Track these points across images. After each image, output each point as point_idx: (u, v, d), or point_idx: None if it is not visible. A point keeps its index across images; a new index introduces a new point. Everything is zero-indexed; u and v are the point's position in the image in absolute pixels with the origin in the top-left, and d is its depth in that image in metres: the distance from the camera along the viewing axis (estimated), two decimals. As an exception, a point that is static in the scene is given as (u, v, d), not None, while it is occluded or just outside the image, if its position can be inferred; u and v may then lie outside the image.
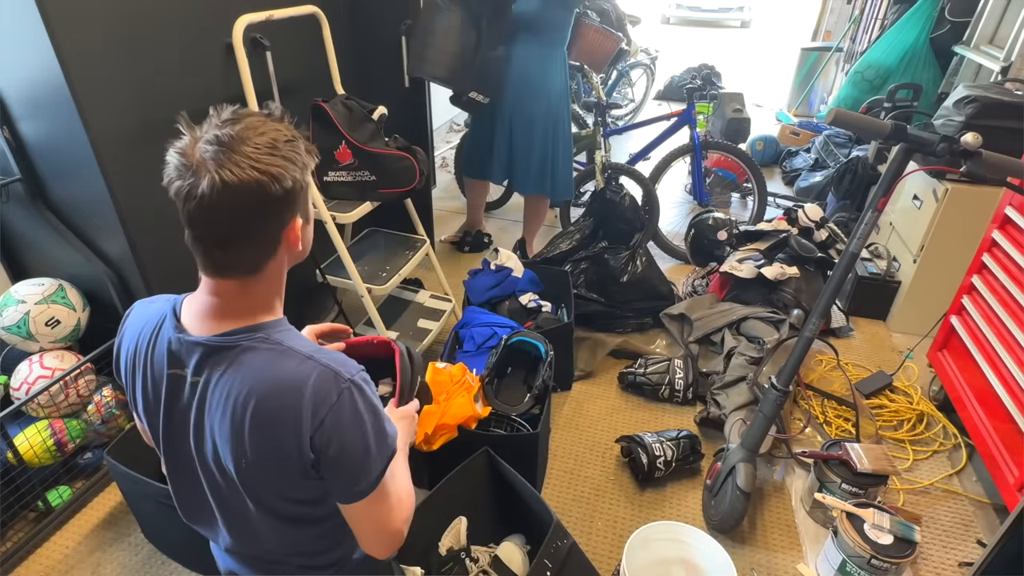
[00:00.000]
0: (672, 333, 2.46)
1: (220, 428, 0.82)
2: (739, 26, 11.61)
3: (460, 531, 1.44)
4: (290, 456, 0.81)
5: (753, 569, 1.66)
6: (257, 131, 0.77)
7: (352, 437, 0.82)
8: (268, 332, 0.84)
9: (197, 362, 0.83)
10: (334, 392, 0.80)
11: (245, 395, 0.80)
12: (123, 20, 1.61)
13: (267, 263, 0.83)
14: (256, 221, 0.78)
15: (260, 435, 0.80)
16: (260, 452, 0.82)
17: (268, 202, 0.77)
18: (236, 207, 0.76)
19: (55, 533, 1.74)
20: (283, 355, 0.82)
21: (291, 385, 0.79)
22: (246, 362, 0.81)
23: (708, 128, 4.29)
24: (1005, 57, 3.13)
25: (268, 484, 0.86)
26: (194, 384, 0.84)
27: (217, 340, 0.82)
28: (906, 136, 1.40)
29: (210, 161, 0.74)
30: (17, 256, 1.89)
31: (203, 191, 0.74)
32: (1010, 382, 1.71)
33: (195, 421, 0.86)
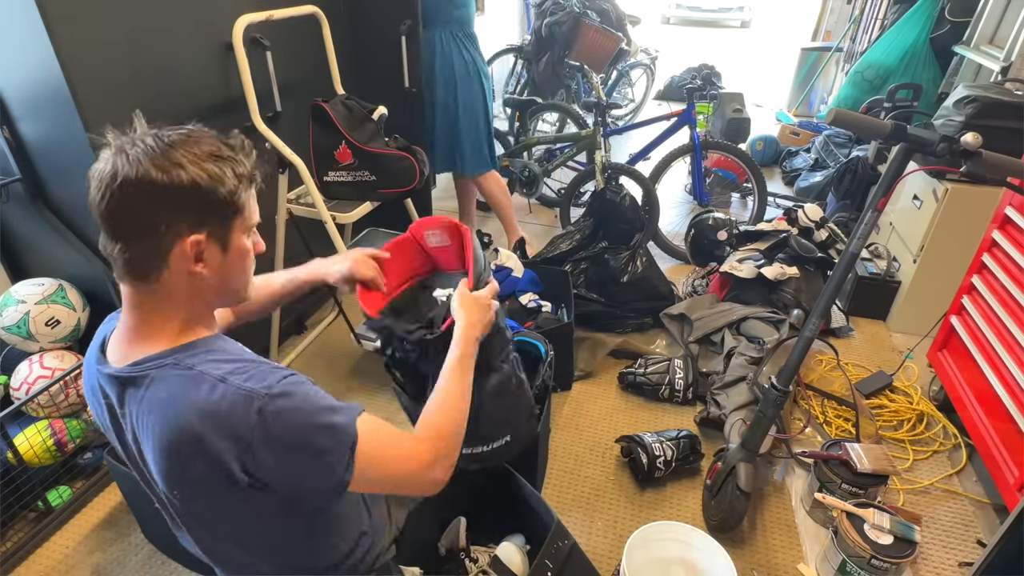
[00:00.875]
0: (672, 333, 2.46)
1: (152, 461, 0.79)
2: (739, 26, 11.60)
3: (459, 531, 1.44)
4: (220, 486, 0.77)
5: (753, 569, 1.66)
6: (196, 141, 0.78)
7: (291, 447, 0.77)
8: (179, 357, 0.79)
9: (117, 396, 0.81)
10: (252, 412, 0.74)
11: (160, 431, 0.76)
12: (123, 20, 1.62)
13: (157, 273, 0.78)
14: (143, 216, 0.75)
15: (183, 470, 0.77)
16: (189, 483, 0.78)
17: (154, 196, 0.74)
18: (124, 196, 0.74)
19: (55, 533, 1.74)
20: (193, 381, 0.76)
21: (204, 414, 0.74)
22: (156, 394, 0.77)
23: (708, 128, 4.29)
24: (1005, 57, 3.13)
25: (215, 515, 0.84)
26: (123, 415, 0.82)
27: (128, 371, 0.79)
28: (906, 136, 1.40)
29: (125, 150, 0.75)
30: (17, 256, 1.89)
31: (101, 171, 0.75)
32: (1010, 382, 1.71)
33: (136, 452, 0.84)
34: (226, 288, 0.86)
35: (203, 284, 0.81)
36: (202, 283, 0.81)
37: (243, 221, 0.83)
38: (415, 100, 2.65)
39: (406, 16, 2.51)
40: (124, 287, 0.80)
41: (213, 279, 0.82)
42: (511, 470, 1.49)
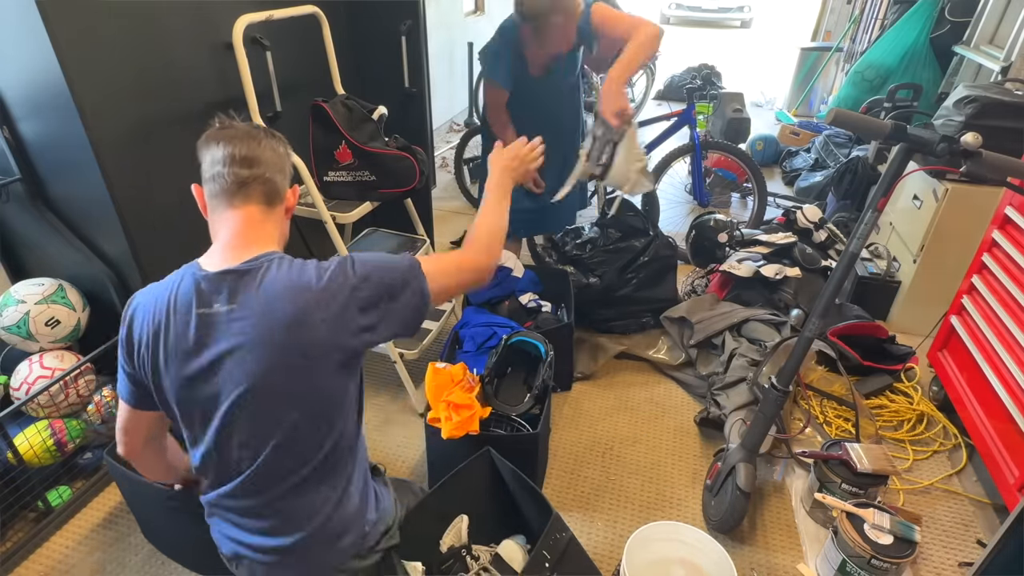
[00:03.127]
0: (672, 336, 2.46)
1: (271, 336, 0.95)
2: (739, 26, 11.61)
3: (461, 529, 1.44)
4: (337, 340, 0.98)
5: (753, 569, 1.66)
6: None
7: (380, 271, 1.03)
8: (282, 255, 1.03)
9: (229, 289, 0.97)
10: (348, 266, 1.01)
11: (286, 296, 0.96)
12: (123, 20, 1.61)
13: (277, 204, 1.07)
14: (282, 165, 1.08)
15: (310, 330, 0.96)
16: (310, 348, 0.96)
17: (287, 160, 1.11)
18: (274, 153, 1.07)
19: (55, 533, 1.74)
20: (303, 265, 1.01)
21: (321, 280, 0.98)
22: (280, 275, 0.98)
23: (708, 128, 4.30)
24: (1005, 57, 3.13)
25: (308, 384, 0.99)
26: (230, 311, 0.96)
27: (245, 265, 0.99)
28: (906, 136, 1.40)
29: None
30: (17, 256, 1.89)
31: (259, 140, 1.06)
32: (1010, 382, 1.71)
33: (238, 346, 0.96)
34: (284, 237, 1.13)
35: (284, 220, 1.12)
36: (284, 219, 1.12)
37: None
38: (415, 100, 2.65)
39: (406, 16, 2.51)
40: (249, 207, 1.04)
41: (288, 218, 1.14)
42: (512, 468, 1.49)
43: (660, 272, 2.54)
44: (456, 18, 5.46)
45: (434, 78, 3.16)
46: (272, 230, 1.07)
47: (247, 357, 0.96)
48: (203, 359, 0.97)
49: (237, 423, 1.00)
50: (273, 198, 1.06)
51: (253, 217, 1.04)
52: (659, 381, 2.38)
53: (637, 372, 2.42)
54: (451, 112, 5.57)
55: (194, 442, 1.06)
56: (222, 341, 0.96)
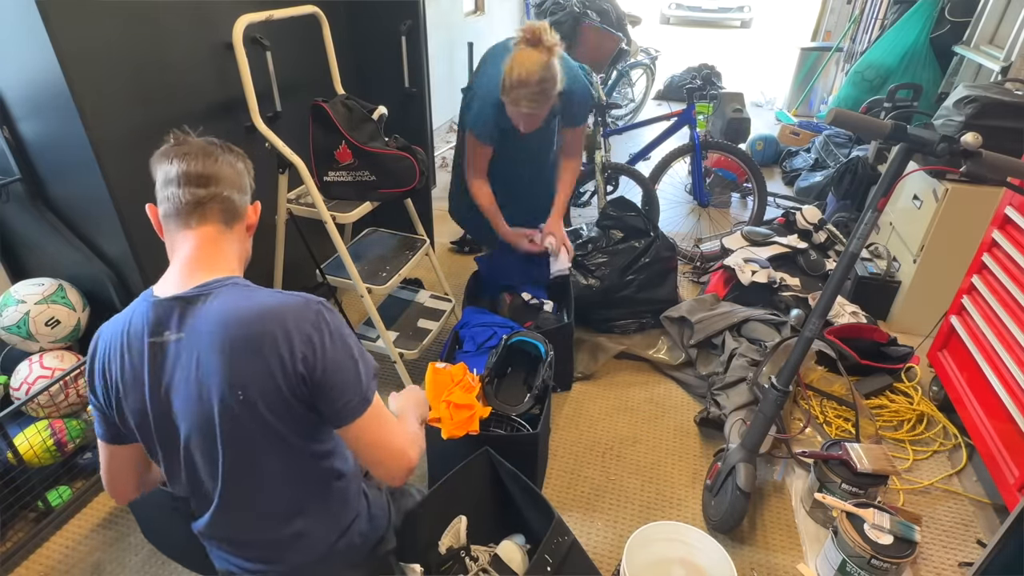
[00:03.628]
0: (672, 336, 2.46)
1: (212, 367, 0.90)
2: (739, 26, 11.60)
3: (460, 530, 1.44)
4: (283, 374, 0.90)
5: (753, 569, 1.66)
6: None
7: (335, 351, 0.94)
8: (229, 280, 0.96)
9: (179, 316, 0.93)
10: (311, 312, 0.93)
11: (231, 324, 0.90)
12: (123, 20, 1.62)
13: (238, 221, 1.03)
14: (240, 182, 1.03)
15: (251, 357, 0.89)
16: (253, 374, 0.90)
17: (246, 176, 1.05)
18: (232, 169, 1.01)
19: (55, 533, 1.74)
20: (255, 291, 0.96)
21: (271, 310, 0.92)
22: (224, 300, 0.92)
23: (708, 128, 4.30)
24: (1005, 57, 3.13)
25: (262, 423, 0.92)
26: (178, 340, 0.92)
27: (193, 291, 0.94)
28: (906, 136, 1.40)
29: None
30: (17, 256, 1.89)
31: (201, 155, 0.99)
32: (1010, 382, 1.71)
33: (185, 378, 0.92)
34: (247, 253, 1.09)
35: (246, 238, 1.08)
36: (246, 237, 1.07)
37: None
38: (415, 100, 2.65)
39: (406, 16, 2.51)
40: (205, 227, 0.99)
41: (249, 236, 1.09)
42: (512, 468, 1.49)
43: (661, 273, 2.54)
44: (456, 18, 5.45)
45: (434, 78, 3.16)
46: (230, 251, 1.01)
47: (194, 389, 0.91)
48: (159, 391, 0.94)
49: (198, 458, 0.97)
50: (231, 217, 1.01)
51: (209, 238, 0.98)
52: (659, 381, 2.38)
53: (637, 372, 2.42)
54: (451, 112, 5.57)
55: (170, 475, 1.03)
56: (175, 372, 0.92)
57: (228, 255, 1.00)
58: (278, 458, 0.97)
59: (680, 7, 11.29)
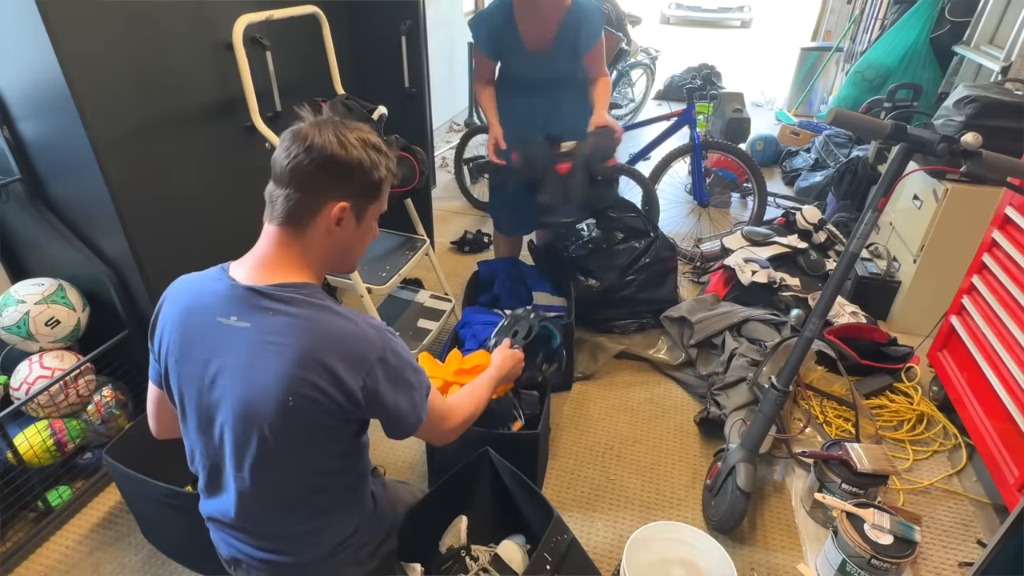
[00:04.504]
0: (672, 336, 2.46)
1: (270, 369, 0.91)
2: (739, 26, 11.61)
3: (460, 530, 1.44)
4: (341, 394, 0.92)
5: (753, 569, 1.66)
6: (368, 132, 0.98)
7: (396, 382, 0.97)
8: (311, 291, 0.96)
9: (247, 308, 0.94)
10: (378, 345, 0.95)
11: (301, 339, 0.91)
12: (123, 20, 1.61)
13: (307, 223, 0.96)
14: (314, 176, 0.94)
15: (312, 374, 0.90)
16: (310, 389, 0.91)
17: (326, 166, 0.93)
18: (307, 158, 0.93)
19: (55, 533, 1.74)
20: (331, 311, 0.95)
21: (344, 334, 0.93)
22: (298, 312, 0.93)
23: (708, 128, 4.30)
24: (1005, 57, 3.13)
25: (300, 430, 0.95)
26: (243, 330, 0.93)
27: (269, 288, 0.94)
28: (906, 136, 1.40)
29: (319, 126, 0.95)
30: (17, 256, 1.89)
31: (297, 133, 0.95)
32: (1010, 382, 1.70)
33: (238, 365, 0.94)
34: (344, 252, 1.03)
35: (332, 242, 0.99)
36: (331, 241, 0.99)
37: (378, 205, 1.03)
38: (415, 100, 2.65)
39: (406, 16, 2.51)
40: (274, 228, 0.97)
41: (339, 241, 1.00)
42: (511, 468, 1.49)
43: (661, 273, 2.54)
44: (456, 18, 5.46)
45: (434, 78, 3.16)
46: (301, 254, 0.98)
47: (245, 379, 0.93)
48: (211, 367, 0.96)
49: (228, 443, 0.98)
50: (297, 218, 0.96)
51: (278, 238, 0.97)
52: (659, 381, 2.38)
53: (637, 372, 2.42)
54: (451, 112, 5.57)
55: (190, 448, 1.06)
56: (229, 355, 0.94)
57: (302, 258, 0.98)
58: (308, 460, 1.00)
59: (680, 7, 11.30)
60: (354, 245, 1.04)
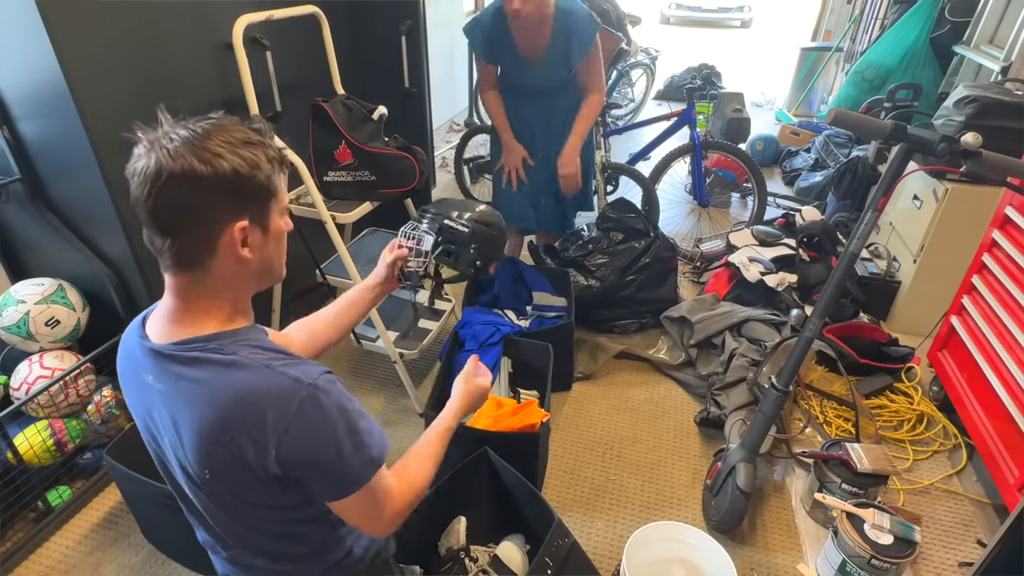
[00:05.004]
0: (672, 336, 2.46)
1: (185, 438, 0.81)
2: (739, 26, 11.61)
3: (459, 531, 1.44)
4: (254, 470, 0.80)
5: (753, 569, 1.66)
6: (227, 129, 0.81)
7: (322, 443, 0.81)
8: (222, 343, 0.82)
9: (156, 370, 0.83)
10: (295, 401, 0.78)
11: (203, 409, 0.79)
12: (123, 20, 1.62)
13: (207, 262, 0.80)
14: (192, 209, 0.77)
15: (220, 449, 0.79)
16: (222, 466, 0.80)
17: (200, 188, 0.75)
18: (171, 190, 0.76)
19: (55, 533, 1.74)
20: (238, 368, 0.80)
21: (248, 398, 0.78)
22: (202, 375, 0.80)
23: (708, 128, 4.30)
24: (1005, 57, 3.13)
25: (235, 496, 0.85)
26: (160, 391, 0.84)
27: (172, 348, 0.82)
28: (906, 136, 1.40)
29: (163, 145, 0.77)
30: (17, 256, 1.89)
31: (144, 169, 0.78)
32: (1010, 382, 1.70)
33: (168, 424, 0.84)
34: (267, 269, 0.88)
35: (247, 268, 0.84)
36: (247, 267, 0.84)
37: (278, 203, 0.85)
38: (415, 100, 2.65)
39: (406, 16, 2.51)
40: (171, 277, 0.82)
41: (256, 262, 0.85)
42: (511, 469, 1.49)
43: (661, 273, 2.54)
44: (456, 18, 5.45)
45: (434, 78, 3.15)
46: (208, 298, 0.84)
47: (173, 443, 0.85)
48: (150, 423, 0.89)
49: (189, 493, 0.92)
50: (193, 261, 0.80)
51: (177, 287, 0.83)
52: (659, 381, 2.38)
53: (637, 372, 2.42)
54: (451, 112, 5.57)
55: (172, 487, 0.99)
56: (156, 413, 0.86)
57: (210, 302, 0.84)
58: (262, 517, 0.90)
59: (680, 7, 11.29)
60: (273, 255, 0.87)
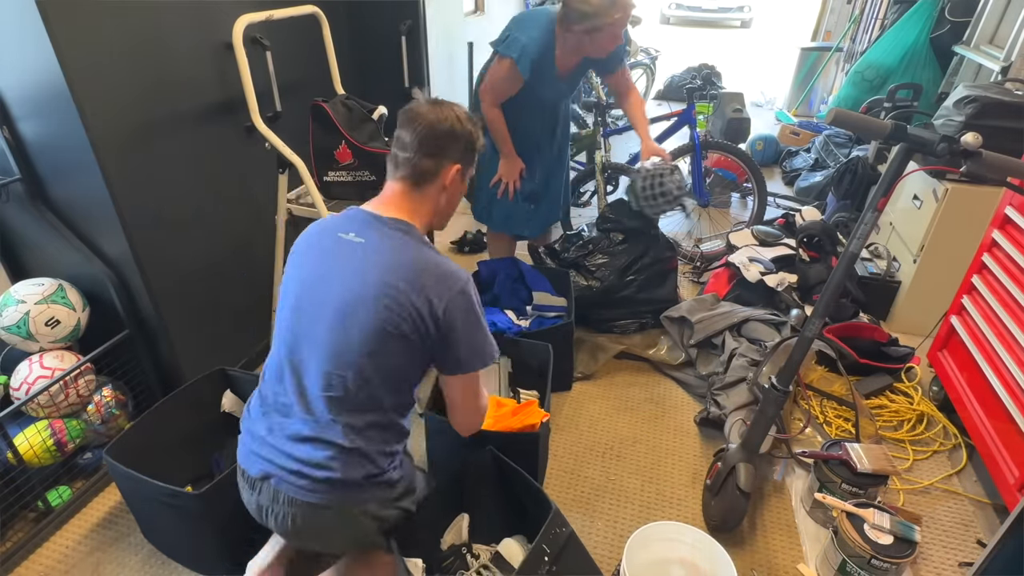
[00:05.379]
0: (672, 336, 2.46)
1: (371, 280, 1.12)
2: (739, 26, 11.61)
3: (462, 527, 1.45)
4: (425, 317, 1.12)
5: (753, 569, 1.66)
6: (458, 107, 1.25)
7: (469, 318, 1.17)
8: (414, 232, 1.20)
9: (366, 227, 1.19)
10: (460, 281, 1.16)
11: (401, 260, 1.14)
12: (123, 20, 1.62)
13: (429, 182, 1.22)
14: (443, 144, 1.20)
15: (408, 294, 1.11)
16: (402, 307, 1.11)
17: (453, 137, 1.21)
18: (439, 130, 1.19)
19: (55, 533, 1.74)
20: (426, 246, 1.19)
21: (435, 265, 1.15)
22: (403, 240, 1.17)
23: (708, 128, 4.30)
24: (1005, 57, 3.13)
25: (395, 334, 1.12)
26: (359, 243, 1.17)
27: (384, 217, 1.20)
28: (906, 136, 1.40)
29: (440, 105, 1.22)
30: (17, 256, 1.89)
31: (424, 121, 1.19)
32: (1010, 382, 1.71)
33: (345, 271, 1.15)
34: (450, 207, 1.30)
35: (444, 199, 1.26)
36: (444, 198, 1.26)
37: (471, 168, 1.30)
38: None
39: (406, 16, 2.51)
40: (397, 184, 1.23)
41: (450, 197, 1.28)
42: (513, 465, 1.49)
43: (661, 273, 2.54)
44: (456, 18, 5.45)
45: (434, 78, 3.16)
46: (416, 207, 1.23)
47: (353, 280, 1.14)
48: (321, 270, 1.18)
49: (321, 330, 1.15)
50: (423, 178, 1.21)
51: (398, 194, 1.23)
52: (659, 381, 2.38)
53: (637, 372, 2.42)
54: (451, 112, 5.56)
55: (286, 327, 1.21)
56: (339, 262, 1.16)
57: (416, 209, 1.23)
58: (376, 370, 1.14)
59: (680, 7, 11.29)
60: (456, 200, 1.30)
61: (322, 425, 1.15)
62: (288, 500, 1.15)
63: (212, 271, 2.07)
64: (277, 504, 1.16)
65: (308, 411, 1.16)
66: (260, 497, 1.19)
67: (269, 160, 1.98)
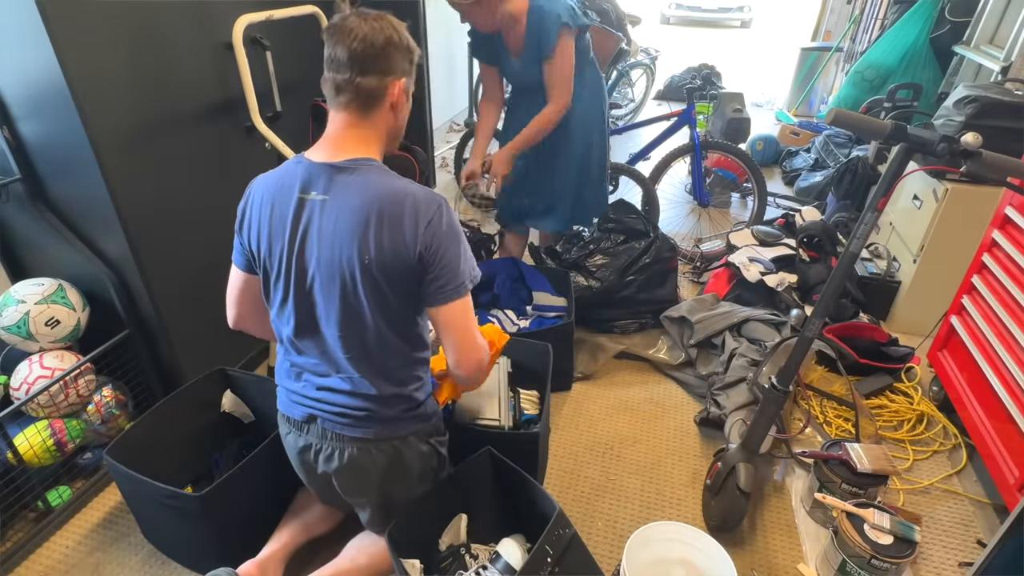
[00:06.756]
0: (672, 336, 2.46)
1: (346, 232, 1.10)
2: (739, 26, 11.61)
3: (460, 528, 1.45)
4: (407, 247, 1.10)
5: (753, 569, 1.66)
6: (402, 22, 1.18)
7: (449, 241, 1.13)
8: (373, 163, 1.15)
9: (325, 181, 1.13)
10: (435, 204, 1.12)
11: (370, 201, 1.10)
12: (123, 20, 1.62)
13: (376, 104, 1.15)
14: (386, 59, 1.13)
15: (385, 231, 1.09)
16: (383, 246, 1.09)
17: (393, 48, 1.13)
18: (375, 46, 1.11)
19: (55, 533, 1.74)
20: (391, 176, 1.15)
21: (405, 195, 1.11)
22: (366, 179, 1.12)
23: (708, 128, 4.30)
24: (1005, 57, 3.13)
25: (385, 276, 1.12)
26: (323, 201, 1.12)
27: (341, 163, 1.13)
28: (906, 136, 1.40)
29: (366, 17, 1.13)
30: (17, 256, 1.89)
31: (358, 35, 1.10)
32: (1010, 382, 1.71)
33: (320, 232, 1.12)
34: (400, 128, 1.25)
35: (394, 118, 1.20)
36: (394, 117, 1.20)
37: (413, 80, 1.23)
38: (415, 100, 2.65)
39: (406, 16, 2.50)
40: (344, 113, 1.15)
41: (400, 116, 1.22)
42: (512, 465, 1.49)
43: (661, 273, 2.54)
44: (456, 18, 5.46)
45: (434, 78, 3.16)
46: (367, 134, 1.17)
47: (328, 242, 1.12)
48: (296, 237, 1.14)
49: (319, 298, 1.17)
50: (369, 101, 1.14)
51: (347, 121, 1.16)
52: (659, 381, 2.38)
53: (637, 372, 2.42)
54: (451, 112, 5.57)
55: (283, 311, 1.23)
56: (311, 223, 1.13)
57: (368, 137, 1.17)
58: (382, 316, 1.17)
59: (680, 7, 11.30)
60: (405, 116, 1.24)
61: (355, 382, 1.23)
62: (336, 436, 1.26)
63: (212, 271, 2.07)
64: (326, 441, 1.27)
65: (338, 371, 1.24)
66: (309, 436, 1.28)
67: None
